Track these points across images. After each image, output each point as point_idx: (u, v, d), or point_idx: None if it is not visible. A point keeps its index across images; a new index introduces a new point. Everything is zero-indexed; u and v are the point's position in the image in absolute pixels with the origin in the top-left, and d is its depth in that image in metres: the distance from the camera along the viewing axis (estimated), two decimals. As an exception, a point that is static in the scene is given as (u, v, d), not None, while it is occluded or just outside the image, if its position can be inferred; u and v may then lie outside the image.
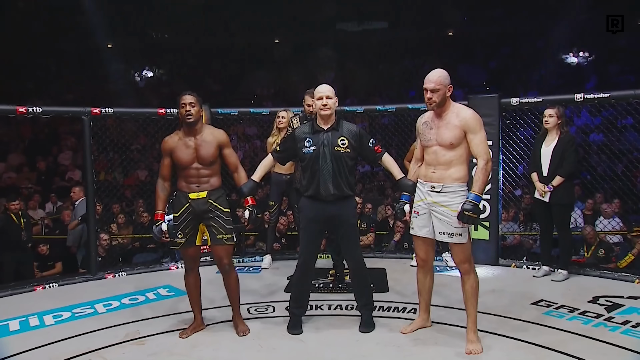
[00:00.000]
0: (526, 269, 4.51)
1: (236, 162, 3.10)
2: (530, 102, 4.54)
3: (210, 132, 3.05)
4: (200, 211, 2.99)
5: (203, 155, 2.99)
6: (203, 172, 3.01)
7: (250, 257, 5.09)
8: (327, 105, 2.99)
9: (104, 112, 4.56)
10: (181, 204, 3.02)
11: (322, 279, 4.27)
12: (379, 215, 6.64)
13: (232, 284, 3.14)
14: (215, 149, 3.02)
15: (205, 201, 2.99)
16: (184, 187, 3.03)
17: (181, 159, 2.99)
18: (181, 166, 3.01)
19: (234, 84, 15.29)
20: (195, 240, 3.06)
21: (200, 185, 3.00)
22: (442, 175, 2.82)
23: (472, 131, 2.75)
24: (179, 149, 3.00)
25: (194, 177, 3.00)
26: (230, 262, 3.12)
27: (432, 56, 14.59)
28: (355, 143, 3.03)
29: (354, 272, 3.19)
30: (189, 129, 3.00)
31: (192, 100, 2.97)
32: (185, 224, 3.02)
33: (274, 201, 4.67)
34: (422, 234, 2.95)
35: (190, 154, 2.99)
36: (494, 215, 4.65)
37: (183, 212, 3.01)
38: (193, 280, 3.15)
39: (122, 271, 4.70)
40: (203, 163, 2.99)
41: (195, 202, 2.99)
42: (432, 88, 2.80)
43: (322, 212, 3.03)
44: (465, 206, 2.69)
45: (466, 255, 2.84)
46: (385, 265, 4.73)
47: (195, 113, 2.96)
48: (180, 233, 3.02)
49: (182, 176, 3.04)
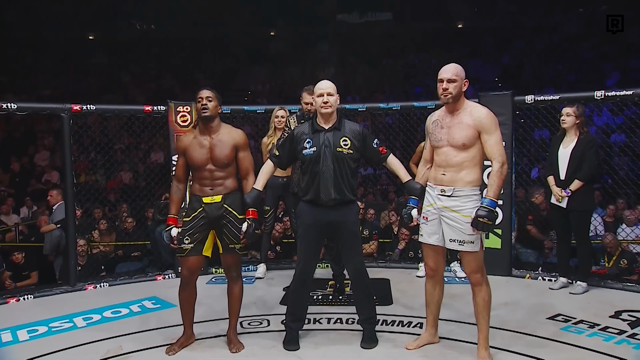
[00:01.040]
0: (542, 280, 4.51)
1: (249, 168, 3.09)
2: (546, 100, 4.54)
3: (228, 132, 3.05)
4: (214, 216, 2.99)
5: (217, 156, 2.98)
6: (217, 174, 3.00)
7: (243, 266, 5.06)
8: (328, 102, 2.98)
9: (85, 109, 4.55)
10: (194, 208, 3.02)
11: (321, 290, 4.26)
12: (382, 222, 6.62)
13: (237, 292, 3.14)
14: (231, 150, 3.01)
15: (220, 206, 2.99)
16: (197, 190, 3.03)
17: (194, 159, 3.00)
18: (194, 167, 3.01)
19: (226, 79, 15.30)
20: (202, 249, 3.03)
21: (214, 189, 3.00)
22: (453, 178, 2.82)
23: (487, 131, 2.75)
24: (192, 148, 3.01)
25: (207, 180, 3.00)
26: (239, 272, 3.14)
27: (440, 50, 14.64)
28: (359, 144, 3.03)
29: (356, 283, 3.17)
30: (205, 126, 3.01)
31: (209, 95, 2.99)
32: (195, 230, 3.00)
33: (269, 206, 4.66)
34: (432, 242, 2.94)
35: (204, 154, 2.99)
36: (507, 222, 4.64)
37: (195, 217, 3.01)
38: (188, 295, 3.11)
39: (104, 282, 4.68)
40: (217, 164, 2.99)
41: (209, 207, 2.99)
42: (449, 78, 2.80)
43: (321, 218, 3.02)
44: (479, 212, 2.69)
45: (478, 265, 2.83)
46: (389, 275, 4.72)
47: (212, 108, 2.97)
48: (187, 238, 3.00)
49: (195, 178, 3.05)
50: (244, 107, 5.32)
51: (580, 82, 11.52)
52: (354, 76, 14.90)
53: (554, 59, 13.42)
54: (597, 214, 5.91)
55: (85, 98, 10.19)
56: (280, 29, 17.06)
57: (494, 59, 14.73)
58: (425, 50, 15.49)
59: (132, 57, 15.61)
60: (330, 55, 16.09)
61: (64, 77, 14.41)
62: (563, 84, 11.67)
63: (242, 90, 14.83)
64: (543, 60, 13.74)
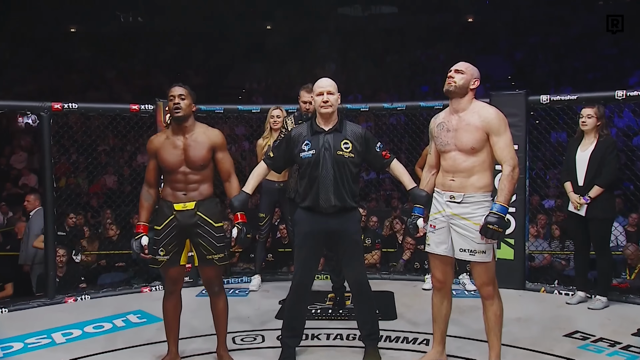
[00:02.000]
0: (558, 294, 4.50)
1: (230, 170, 3.09)
2: (563, 100, 4.56)
3: (203, 132, 3.04)
4: (187, 225, 2.97)
5: (192, 158, 2.96)
6: (192, 178, 2.98)
7: (236, 278, 5.08)
8: (329, 102, 2.99)
9: (66, 107, 4.55)
10: (165, 215, 2.99)
11: (320, 304, 4.26)
12: (385, 230, 6.63)
13: (221, 308, 3.12)
14: (208, 151, 3.00)
15: (193, 213, 2.97)
16: (169, 196, 3.00)
17: (167, 161, 2.97)
18: (167, 170, 2.99)
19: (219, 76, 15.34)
20: (179, 259, 3.03)
21: (187, 194, 2.98)
22: (462, 184, 2.83)
23: (495, 133, 2.77)
24: (165, 149, 2.99)
25: (180, 184, 2.98)
26: (221, 284, 3.12)
27: (449, 46, 14.70)
28: (361, 147, 3.04)
29: (357, 296, 3.17)
30: (178, 126, 3.00)
31: (182, 92, 2.97)
32: (169, 240, 2.98)
33: (265, 213, 4.67)
34: (440, 252, 2.94)
35: (177, 156, 2.97)
36: (520, 231, 4.64)
37: (166, 226, 2.98)
38: (173, 306, 3.12)
39: (85, 294, 4.67)
40: (192, 167, 2.97)
41: (181, 214, 2.96)
42: (458, 69, 2.85)
43: (320, 226, 3.02)
44: (489, 219, 2.69)
45: (490, 277, 2.83)
46: (393, 288, 4.72)
47: (185, 107, 2.96)
48: (162, 250, 2.98)
49: (167, 182, 3.02)
50: (238, 106, 5.33)
51: (600, 80, 11.56)
52: (356, 74, 14.94)
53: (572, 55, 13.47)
54: (618, 222, 5.91)
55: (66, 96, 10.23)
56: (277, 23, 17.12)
57: (507, 56, 14.78)
58: (433, 46, 15.54)
59: (117, 52, 15.65)
60: (330, 51, 16.14)
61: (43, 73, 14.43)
62: (581, 83, 11.71)
63: (236, 88, 14.87)
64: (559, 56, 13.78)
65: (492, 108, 2.85)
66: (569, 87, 11.15)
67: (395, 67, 15.28)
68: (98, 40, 15.73)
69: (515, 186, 2.79)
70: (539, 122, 4.84)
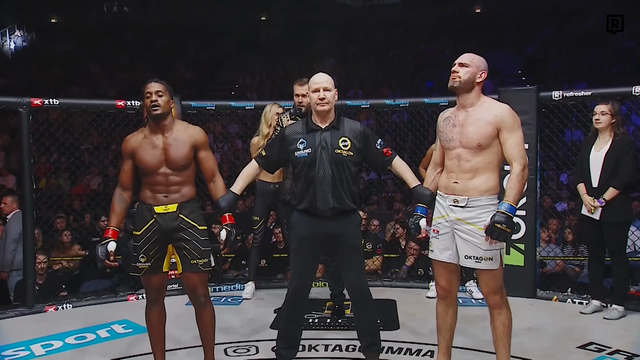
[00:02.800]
0: (571, 303, 4.51)
1: (213, 169, 3.09)
2: (576, 96, 4.57)
3: (184, 129, 3.04)
4: (169, 229, 2.96)
5: (173, 158, 2.96)
6: (173, 179, 2.98)
7: (228, 285, 5.08)
8: (325, 99, 3.00)
9: (47, 103, 4.55)
10: (144, 219, 2.98)
11: (318, 313, 4.26)
12: (387, 234, 6.64)
13: (207, 320, 3.10)
14: (189, 150, 2.99)
15: (175, 216, 2.96)
16: (149, 198, 2.99)
17: (146, 162, 2.96)
18: (146, 171, 2.97)
19: (211, 71, 15.34)
20: (161, 266, 3.02)
21: (168, 196, 2.97)
22: (466, 186, 2.83)
23: (507, 129, 2.77)
24: (143, 149, 2.98)
25: (161, 185, 2.97)
26: (206, 293, 3.09)
27: (455, 39, 14.73)
28: (360, 144, 3.05)
29: (357, 305, 3.17)
30: (156, 124, 2.99)
31: (159, 89, 2.96)
32: (150, 245, 2.97)
33: (259, 216, 4.67)
34: (444, 258, 2.95)
35: (157, 156, 2.96)
36: (531, 235, 4.65)
37: (147, 230, 2.97)
38: (156, 316, 3.11)
39: (67, 303, 4.66)
40: (173, 167, 2.97)
41: (162, 218, 2.95)
42: (462, 62, 2.85)
43: (318, 230, 3.02)
44: (496, 218, 2.69)
45: (497, 285, 2.83)
46: (395, 296, 4.73)
47: (163, 104, 2.95)
48: (142, 256, 2.97)
49: (146, 184, 3.01)
50: (231, 102, 5.34)
51: (617, 75, 11.59)
52: (356, 68, 14.97)
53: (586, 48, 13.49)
54: (635, 226, 5.91)
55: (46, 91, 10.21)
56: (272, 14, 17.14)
57: (517, 49, 14.81)
58: (438, 40, 15.58)
59: (101, 45, 15.64)
60: (329, 44, 16.17)
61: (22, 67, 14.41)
62: (596, 78, 11.73)
63: (228, 83, 14.88)
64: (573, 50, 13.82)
65: (504, 104, 2.86)
66: (583, 82, 11.19)
67: (398, 61, 15.31)
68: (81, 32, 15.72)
69: (524, 187, 2.80)
70: (550, 119, 4.85)
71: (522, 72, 13.63)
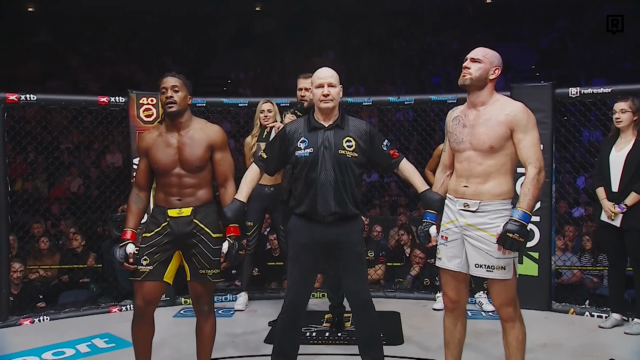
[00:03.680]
0: (589, 316, 4.51)
1: (227, 173, 3.09)
2: (595, 93, 4.58)
3: (201, 128, 3.05)
4: (182, 234, 2.97)
5: (187, 158, 2.97)
6: (187, 181, 2.99)
7: (219, 296, 5.07)
8: (330, 95, 3.01)
9: (23, 99, 4.54)
10: (156, 222, 3.00)
11: (316, 326, 4.26)
12: (391, 241, 6.64)
13: (208, 331, 3.12)
14: (205, 150, 3.01)
15: (189, 221, 2.97)
16: (162, 201, 3.01)
17: (159, 162, 2.98)
18: (159, 171, 3.00)
19: (201, 65, 15.34)
20: (163, 273, 3.00)
21: (183, 199, 2.98)
22: (477, 190, 2.83)
23: (522, 129, 2.77)
24: (157, 147, 3.00)
25: (174, 187, 2.99)
26: (211, 303, 3.12)
27: (463, 31, 14.75)
28: (365, 145, 3.06)
29: (359, 317, 3.18)
30: (172, 122, 3.01)
31: (175, 83, 2.98)
32: (157, 248, 2.97)
33: (253, 221, 4.66)
34: (452, 267, 2.95)
35: (171, 156, 2.98)
36: (546, 243, 4.66)
37: (158, 234, 2.98)
38: (144, 331, 3.09)
39: (44, 315, 4.65)
40: (187, 168, 2.98)
41: (175, 222, 2.97)
42: (474, 57, 2.85)
43: (317, 237, 3.03)
44: (508, 226, 2.69)
45: (510, 297, 2.84)
46: (399, 307, 4.73)
47: (179, 100, 2.96)
48: (145, 258, 2.97)
49: (160, 185, 3.04)
50: (223, 99, 5.34)
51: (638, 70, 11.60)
52: (357, 63, 14.98)
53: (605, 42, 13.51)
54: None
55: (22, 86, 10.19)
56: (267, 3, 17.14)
57: (531, 42, 14.84)
58: (445, 32, 15.60)
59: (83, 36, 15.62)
60: (329, 36, 16.18)
61: None
62: (616, 73, 11.76)
63: (220, 78, 14.87)
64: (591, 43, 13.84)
65: (519, 102, 2.86)
66: (602, 78, 11.21)
67: (403, 55, 15.33)
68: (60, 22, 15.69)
69: (540, 191, 2.79)
70: (567, 118, 4.87)
71: (536, 67, 13.65)
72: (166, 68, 14.02)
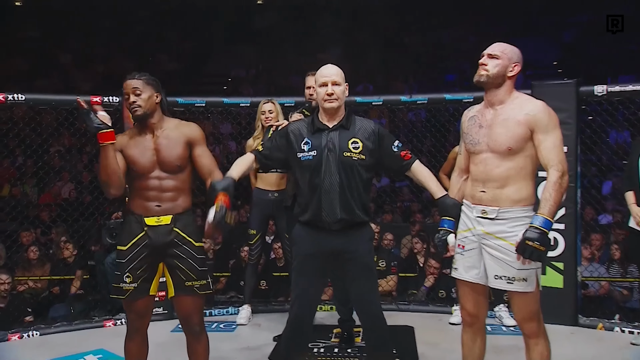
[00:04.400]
0: (620, 332, 4.49)
1: (211, 166, 3.06)
2: (623, 91, 4.58)
3: (175, 126, 3.05)
4: (161, 244, 2.96)
5: (166, 157, 2.96)
6: (167, 185, 2.98)
7: (221, 309, 5.09)
8: (334, 94, 3.00)
9: (10, 99, 4.56)
10: (133, 232, 2.97)
11: (324, 341, 4.25)
12: (403, 250, 6.64)
13: (201, 352, 3.10)
14: (184, 148, 3.00)
15: (169, 230, 2.96)
16: (139, 208, 2.99)
17: (137, 163, 2.96)
18: (137, 173, 2.98)
19: (198, 61, 15.37)
20: (148, 288, 3.01)
21: (162, 205, 2.97)
22: (496, 196, 2.83)
23: (543, 130, 2.77)
24: (132, 147, 2.98)
25: (154, 192, 2.97)
26: (202, 322, 3.09)
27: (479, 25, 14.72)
28: (373, 146, 3.05)
29: (369, 332, 3.17)
30: (142, 125, 3.01)
31: (136, 86, 2.97)
32: (137, 263, 2.96)
33: (256, 229, 4.68)
34: (470, 278, 2.95)
35: (148, 157, 2.97)
36: (571, 252, 4.65)
37: (135, 245, 2.96)
38: (137, 347, 3.10)
39: (34, 330, 4.66)
40: (167, 169, 2.97)
41: (153, 231, 2.95)
42: (492, 53, 2.85)
43: (323, 246, 3.02)
44: (528, 234, 2.67)
45: (533, 311, 2.83)
46: (412, 321, 4.72)
47: (144, 102, 2.96)
48: (128, 276, 2.95)
49: (137, 190, 3.01)
50: (223, 99, 5.36)
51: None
52: (365, 58, 14.97)
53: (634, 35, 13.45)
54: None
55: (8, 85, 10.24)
56: (270, -4, 17.18)
57: (553, 36, 14.80)
58: (461, 25, 15.58)
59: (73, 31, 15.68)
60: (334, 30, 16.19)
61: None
62: (646, 70, 11.70)
63: (220, 76, 14.91)
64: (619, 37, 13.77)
65: (539, 101, 2.86)
66: (632, 74, 11.16)
67: (414, 50, 15.32)
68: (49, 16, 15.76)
69: (563, 196, 2.79)
70: (592, 118, 4.86)
71: (559, 63, 13.60)
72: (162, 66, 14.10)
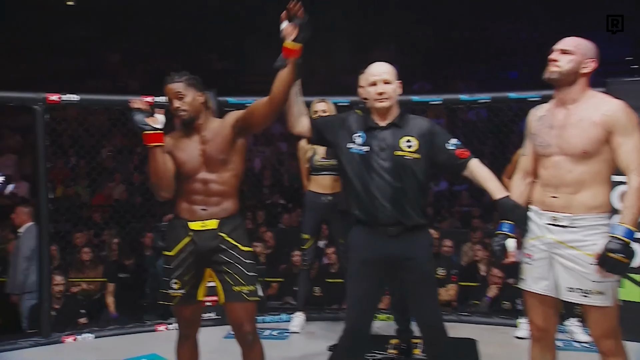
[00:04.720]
0: None
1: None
2: None
3: (219, 123, 3.08)
4: (207, 250, 2.98)
5: (211, 153, 2.98)
6: (213, 188, 2.99)
7: (273, 315, 5.11)
8: (385, 94, 2.98)
9: (64, 99, 4.62)
10: (178, 237, 3.01)
11: (380, 352, 4.23)
12: (464, 258, 6.56)
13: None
14: (229, 136, 3.00)
15: (215, 234, 2.98)
16: (184, 212, 3.02)
17: (184, 164, 2.98)
18: (183, 175, 3.01)
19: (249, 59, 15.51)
20: (196, 294, 3.05)
21: (208, 209, 2.99)
22: (569, 202, 2.76)
23: (622, 132, 2.69)
24: (179, 148, 3.01)
25: (199, 195, 3.00)
26: (255, 330, 3.08)
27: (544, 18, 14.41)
28: (428, 145, 3.00)
29: (429, 344, 3.15)
30: (189, 128, 3.05)
31: (178, 89, 2.98)
32: (185, 269, 3.00)
33: (309, 234, 4.68)
34: (539, 290, 2.88)
35: (195, 157, 2.99)
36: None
37: (181, 251, 3.00)
38: (188, 353, 3.15)
39: (88, 332, 4.75)
40: (212, 167, 2.98)
41: (199, 236, 2.98)
42: (564, 48, 2.78)
43: (380, 252, 3.00)
44: (610, 245, 2.61)
45: (611, 327, 2.75)
46: (475, 334, 4.65)
47: (189, 105, 2.98)
48: (175, 282, 3.00)
49: (183, 193, 3.03)
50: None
51: None
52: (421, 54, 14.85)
53: None
54: None
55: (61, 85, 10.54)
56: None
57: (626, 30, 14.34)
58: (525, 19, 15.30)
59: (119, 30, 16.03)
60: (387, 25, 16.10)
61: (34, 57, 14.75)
62: None
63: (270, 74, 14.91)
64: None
65: (617, 100, 2.78)
66: None
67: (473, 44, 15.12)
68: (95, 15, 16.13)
69: (646, 204, 2.70)
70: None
71: (634, 59, 13.22)
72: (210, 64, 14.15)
